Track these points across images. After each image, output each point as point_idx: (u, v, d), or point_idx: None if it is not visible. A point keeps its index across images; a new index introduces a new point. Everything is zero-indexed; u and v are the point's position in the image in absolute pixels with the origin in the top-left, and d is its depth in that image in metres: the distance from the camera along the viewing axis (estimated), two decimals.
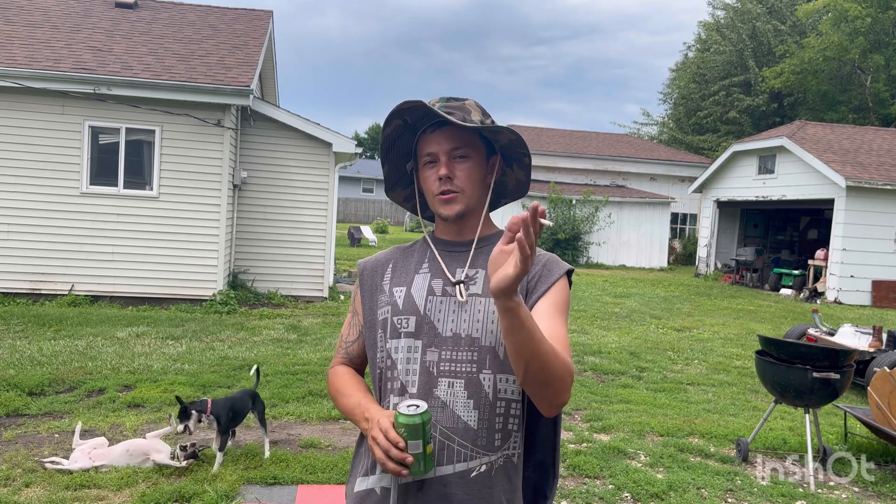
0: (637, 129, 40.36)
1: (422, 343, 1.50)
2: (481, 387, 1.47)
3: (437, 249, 1.59)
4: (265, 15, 13.20)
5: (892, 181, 15.39)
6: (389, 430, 1.35)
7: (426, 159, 1.54)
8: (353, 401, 1.53)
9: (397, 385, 1.51)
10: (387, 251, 1.68)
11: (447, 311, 1.51)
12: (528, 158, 1.59)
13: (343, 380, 1.61)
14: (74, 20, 11.40)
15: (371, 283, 1.62)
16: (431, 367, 1.48)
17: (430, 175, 1.54)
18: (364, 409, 1.48)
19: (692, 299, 14.48)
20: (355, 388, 1.57)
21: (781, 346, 4.86)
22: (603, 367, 7.40)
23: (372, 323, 1.59)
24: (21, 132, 9.56)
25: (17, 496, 3.63)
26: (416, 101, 1.47)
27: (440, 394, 1.46)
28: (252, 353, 7.17)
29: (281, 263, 11.04)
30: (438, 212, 1.56)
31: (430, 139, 1.53)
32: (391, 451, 1.34)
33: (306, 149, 11.00)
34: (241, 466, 4.15)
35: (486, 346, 1.48)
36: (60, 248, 9.64)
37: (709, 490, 4.20)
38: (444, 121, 1.50)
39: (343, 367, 1.65)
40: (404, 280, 1.58)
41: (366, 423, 1.45)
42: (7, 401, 5.13)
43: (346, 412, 1.55)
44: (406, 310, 1.53)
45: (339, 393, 1.58)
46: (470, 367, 1.47)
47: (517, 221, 1.13)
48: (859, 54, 28.02)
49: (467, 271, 1.54)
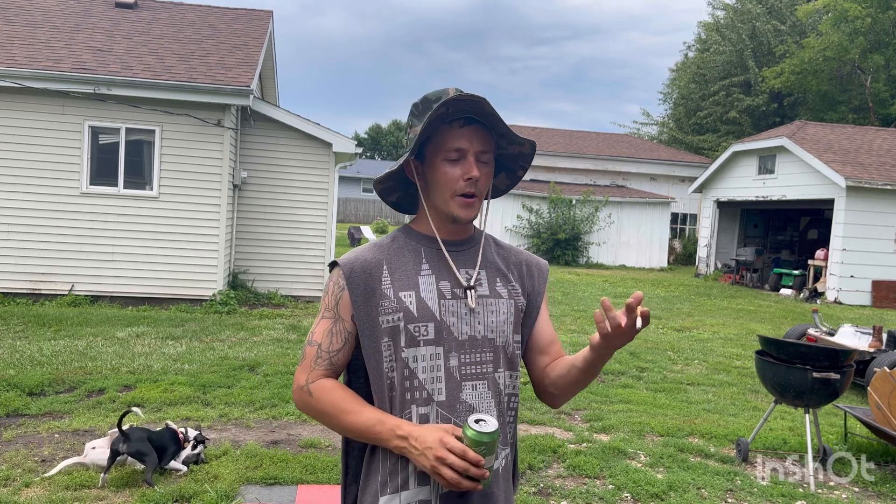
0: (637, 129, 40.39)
1: (443, 349, 1.48)
2: (498, 385, 1.54)
3: (441, 248, 1.55)
4: (265, 15, 13.20)
5: (892, 181, 15.39)
6: (468, 451, 1.33)
7: (452, 154, 1.48)
8: (367, 417, 1.44)
9: (422, 394, 1.46)
10: (368, 250, 1.56)
11: (460, 314, 1.51)
12: (524, 172, 1.64)
13: (341, 395, 1.48)
14: (74, 20, 11.40)
15: (365, 286, 1.49)
16: (455, 371, 1.49)
17: (453, 171, 1.48)
18: (394, 427, 1.41)
19: (692, 299, 14.48)
20: (360, 402, 1.48)
21: (781, 346, 4.85)
22: (603, 367, 7.39)
23: (371, 330, 1.48)
24: (21, 132, 9.56)
25: (17, 496, 3.63)
26: (479, 97, 1.42)
27: (466, 397, 1.49)
28: (252, 353, 7.17)
29: (281, 263, 11.04)
30: (454, 212, 1.51)
31: (459, 134, 1.47)
32: (471, 470, 1.33)
33: (306, 149, 11.00)
34: (242, 466, 4.15)
35: (499, 346, 1.55)
36: (60, 248, 9.64)
37: (709, 490, 4.20)
38: (475, 119, 1.48)
39: (331, 380, 1.50)
40: (408, 283, 1.50)
41: (402, 441, 1.39)
42: (7, 401, 5.13)
43: (358, 430, 1.45)
44: (422, 316, 1.48)
45: (341, 411, 1.45)
46: (488, 367, 1.53)
47: (646, 315, 1.32)
48: (859, 54, 28.02)
49: (476, 274, 1.56)
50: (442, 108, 1.42)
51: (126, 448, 3.80)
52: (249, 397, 5.56)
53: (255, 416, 5.16)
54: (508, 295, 1.59)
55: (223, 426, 4.91)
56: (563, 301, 12.70)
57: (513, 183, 1.67)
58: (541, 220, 21.82)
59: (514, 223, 22.08)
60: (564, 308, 11.78)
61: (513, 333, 1.57)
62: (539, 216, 21.88)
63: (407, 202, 1.66)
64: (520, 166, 1.62)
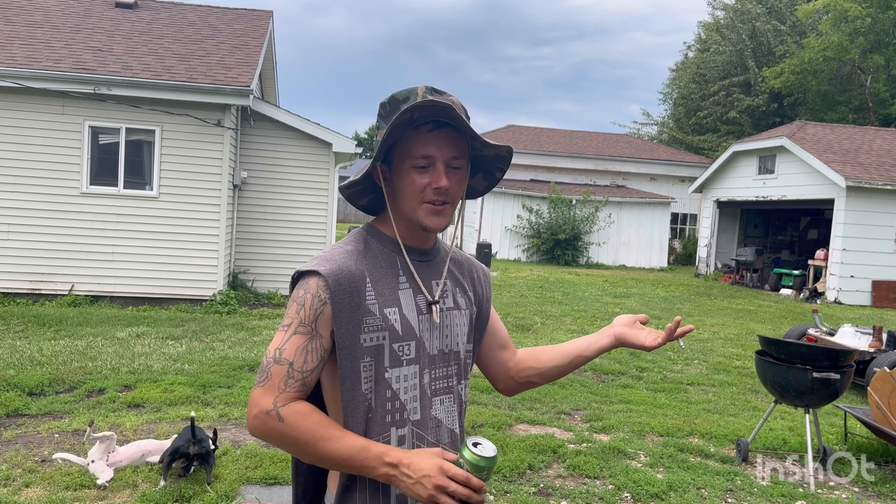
0: (637, 129, 40.40)
1: (418, 367, 1.43)
2: (460, 397, 1.53)
3: (409, 259, 1.47)
4: (265, 15, 13.20)
5: (892, 181, 15.39)
6: (472, 478, 1.26)
7: (420, 161, 1.38)
8: (349, 444, 1.30)
9: (403, 415, 1.40)
10: (347, 257, 1.41)
11: (431, 329, 1.47)
12: (502, 174, 1.55)
13: (317, 420, 1.31)
14: (74, 20, 11.40)
15: (350, 301, 1.36)
16: (427, 388, 1.45)
17: (420, 179, 1.39)
18: (381, 454, 1.30)
19: (692, 299, 14.48)
20: (338, 428, 1.33)
21: (781, 346, 4.85)
22: (603, 367, 7.40)
23: (351, 349, 1.35)
24: (21, 132, 9.55)
25: (17, 496, 3.63)
26: (444, 103, 1.33)
27: (435, 413, 1.46)
28: (252, 353, 7.17)
29: (281, 263, 11.04)
30: (422, 221, 1.41)
31: (427, 139, 1.38)
32: (473, 497, 1.26)
33: (306, 149, 11.00)
34: (242, 466, 4.15)
35: (461, 358, 1.54)
36: (60, 248, 9.64)
37: (709, 490, 4.20)
38: (445, 122, 1.38)
39: (303, 403, 1.33)
40: (391, 299, 1.41)
41: (391, 469, 1.29)
42: (7, 401, 5.13)
43: (339, 460, 1.31)
44: (406, 335, 1.41)
45: (319, 438, 1.30)
46: (453, 381, 1.51)
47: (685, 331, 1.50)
48: (859, 54, 28.02)
49: (443, 286, 1.51)
50: (406, 114, 1.32)
51: (197, 449, 3.76)
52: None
53: None
54: (466, 305, 1.57)
55: (223, 426, 4.91)
56: (563, 301, 12.70)
57: (491, 185, 1.58)
58: (541, 220, 21.82)
59: (514, 223, 22.08)
60: (564, 308, 11.78)
61: (466, 343, 1.55)
62: (539, 216, 21.88)
63: (379, 205, 1.54)
64: (497, 168, 1.53)
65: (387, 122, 1.39)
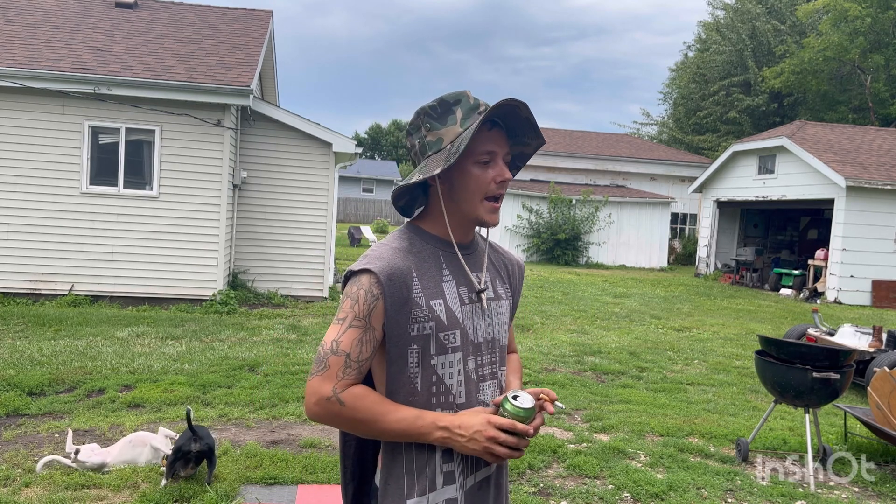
0: (637, 129, 40.40)
1: (462, 354, 1.54)
2: (501, 383, 1.65)
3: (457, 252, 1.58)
4: (265, 15, 13.20)
5: (892, 181, 15.39)
6: (517, 423, 1.42)
7: (484, 157, 1.50)
8: (406, 415, 1.44)
9: (448, 398, 1.51)
10: (395, 254, 1.50)
11: (475, 318, 1.58)
12: (517, 171, 1.68)
13: (375, 398, 1.45)
14: (74, 20, 11.40)
15: (399, 295, 1.46)
16: (472, 374, 1.55)
17: (484, 174, 1.51)
18: (434, 419, 1.44)
19: (692, 299, 14.48)
20: (392, 403, 1.47)
21: (781, 346, 4.85)
22: (603, 367, 7.40)
23: (399, 338, 1.47)
24: (21, 132, 9.55)
25: (16, 496, 3.63)
26: (521, 102, 1.47)
27: (482, 397, 1.56)
28: (252, 353, 7.17)
29: (281, 263, 11.04)
30: (483, 217, 1.53)
31: (486, 137, 1.50)
32: (521, 443, 1.44)
33: (306, 149, 11.00)
34: (241, 466, 4.15)
35: (502, 346, 1.66)
36: (60, 248, 9.64)
37: (709, 490, 4.20)
38: (496, 122, 1.52)
39: (360, 387, 1.46)
40: (436, 291, 1.51)
41: (444, 431, 1.43)
42: (7, 401, 5.13)
43: (399, 429, 1.44)
44: (451, 325, 1.51)
45: (380, 413, 1.43)
46: (497, 367, 1.63)
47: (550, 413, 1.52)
48: (859, 54, 28.02)
49: (485, 277, 1.63)
50: (493, 110, 1.46)
51: (198, 447, 3.75)
52: (249, 397, 5.56)
53: (254, 416, 5.16)
54: (506, 295, 1.70)
55: (223, 426, 4.91)
56: (563, 301, 12.70)
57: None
58: (541, 220, 21.82)
59: (514, 223, 22.07)
60: (564, 308, 11.78)
61: (505, 333, 1.68)
62: (539, 216, 21.88)
63: (410, 206, 1.65)
64: (515, 165, 1.66)
65: (440, 122, 1.52)
